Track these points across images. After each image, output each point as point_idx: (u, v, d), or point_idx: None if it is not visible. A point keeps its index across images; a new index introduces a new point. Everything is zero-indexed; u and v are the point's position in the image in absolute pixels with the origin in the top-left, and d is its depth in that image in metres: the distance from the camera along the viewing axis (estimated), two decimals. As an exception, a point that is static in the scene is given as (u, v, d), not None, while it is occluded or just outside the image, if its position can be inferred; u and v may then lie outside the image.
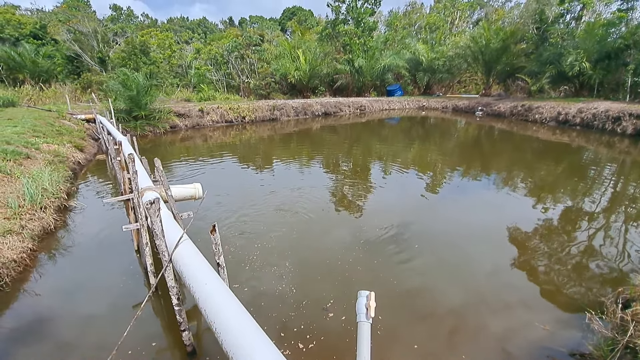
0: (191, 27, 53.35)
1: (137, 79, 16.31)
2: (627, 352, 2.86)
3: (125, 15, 45.34)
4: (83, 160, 10.65)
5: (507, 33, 24.93)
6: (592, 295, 4.14)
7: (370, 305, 1.35)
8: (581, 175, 9.69)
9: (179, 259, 2.72)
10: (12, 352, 3.36)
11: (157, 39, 29.86)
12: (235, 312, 1.97)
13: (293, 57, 28.06)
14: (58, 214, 6.40)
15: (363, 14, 28.59)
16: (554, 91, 24.15)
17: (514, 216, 6.53)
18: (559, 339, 3.44)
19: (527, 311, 3.89)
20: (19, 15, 31.10)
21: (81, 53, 25.47)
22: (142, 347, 3.37)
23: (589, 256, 5.06)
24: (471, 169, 10.30)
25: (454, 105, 26.70)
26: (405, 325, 3.70)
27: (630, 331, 2.87)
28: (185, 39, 42.54)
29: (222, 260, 2.84)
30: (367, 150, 13.69)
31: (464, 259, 5.05)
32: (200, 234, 5.49)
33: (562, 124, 18.07)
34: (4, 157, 7.49)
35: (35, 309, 4.07)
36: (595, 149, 12.99)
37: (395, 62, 28.93)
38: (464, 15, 39.39)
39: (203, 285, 2.25)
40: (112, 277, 4.73)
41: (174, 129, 18.18)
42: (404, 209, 7.09)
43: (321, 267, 4.81)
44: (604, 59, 19.24)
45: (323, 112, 24.41)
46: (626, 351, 2.86)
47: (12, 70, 23.14)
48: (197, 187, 4.78)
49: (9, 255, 4.69)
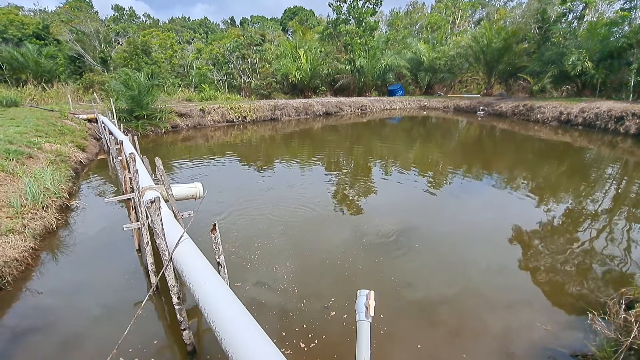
0: (192, 27, 53.50)
1: (138, 79, 16.35)
2: (631, 354, 2.83)
3: (127, 16, 45.49)
4: (85, 160, 10.68)
5: (508, 32, 24.84)
6: (595, 296, 4.11)
7: (370, 304, 1.34)
8: (583, 175, 9.65)
9: (179, 258, 2.72)
10: (14, 351, 3.37)
11: (159, 39, 29.91)
12: (235, 311, 1.97)
13: (294, 57, 28.05)
14: (60, 213, 6.41)
15: (364, 13, 28.56)
16: (556, 91, 24.06)
17: (516, 216, 6.50)
18: (560, 339, 3.42)
19: (528, 311, 3.87)
20: (22, 15, 31.28)
21: (83, 53, 25.56)
22: (143, 345, 3.37)
23: (591, 257, 5.03)
24: (473, 169, 10.27)
25: (456, 105, 26.64)
26: (406, 324, 3.68)
27: (634, 332, 2.85)
28: (186, 39, 42.65)
29: (222, 260, 2.84)
30: (368, 150, 13.67)
31: (466, 258, 5.03)
32: (200, 233, 5.49)
33: (564, 123, 18.00)
34: (6, 156, 7.51)
35: (37, 307, 4.08)
36: (597, 149, 12.93)
37: (396, 62, 28.89)
38: (465, 14, 39.31)
39: (203, 284, 2.25)
40: (113, 276, 4.74)
41: (176, 128, 18.21)
42: (405, 209, 7.08)
43: (322, 266, 4.80)
44: (606, 59, 19.15)
45: (324, 112, 24.40)
46: (629, 353, 2.83)
47: (15, 70, 23.24)
48: (197, 187, 4.77)
49: (11, 254, 4.70)
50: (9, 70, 23.34)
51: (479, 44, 26.39)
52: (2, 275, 4.35)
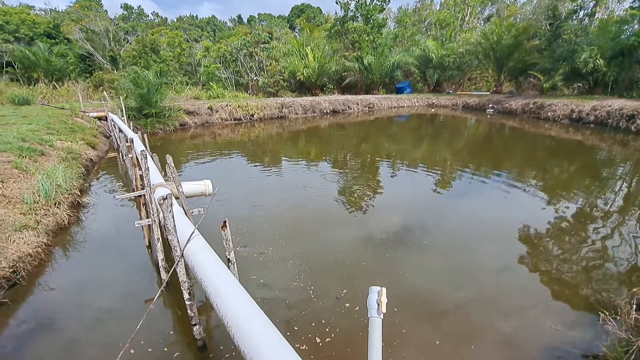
0: (200, 26, 53.72)
1: (147, 77, 16.49)
2: (642, 354, 2.80)
3: (135, 14, 45.86)
4: (95, 158, 10.84)
5: (519, 29, 24.44)
6: (605, 296, 4.06)
7: (382, 300, 1.35)
8: (594, 174, 9.49)
9: (190, 254, 2.76)
10: (27, 345, 3.46)
11: (167, 38, 30.12)
12: (246, 307, 2.00)
13: (302, 54, 28.01)
14: (71, 209, 6.53)
15: (372, 10, 28.36)
16: (567, 88, 23.63)
17: (525, 214, 6.44)
18: (570, 339, 3.39)
19: (538, 310, 3.84)
20: (33, 15, 31.74)
21: (93, 52, 25.88)
22: (154, 340, 3.43)
23: (602, 256, 4.97)
24: (482, 167, 10.17)
25: (464, 103, 26.35)
26: (414, 321, 3.68)
27: (645, 333, 2.81)
28: (194, 37, 42.89)
29: (232, 256, 2.87)
30: (375, 147, 13.63)
31: (474, 256, 5.01)
32: (210, 230, 5.54)
33: (576, 121, 17.70)
34: (19, 153, 7.67)
35: (49, 302, 4.18)
36: (609, 147, 12.70)
37: (404, 59, 28.65)
38: (474, 11, 38.76)
39: (214, 280, 2.28)
40: (124, 272, 4.82)
41: (184, 126, 18.36)
42: (413, 206, 7.05)
43: (332, 262, 4.82)
44: (618, 56, 18.78)
45: (331, 110, 24.35)
46: (641, 353, 2.80)
47: (27, 69, 23.66)
48: (207, 184, 4.83)
49: (25, 250, 4.81)
50: (21, 69, 23.77)
51: (488, 41, 26.02)
52: (16, 270, 4.46)
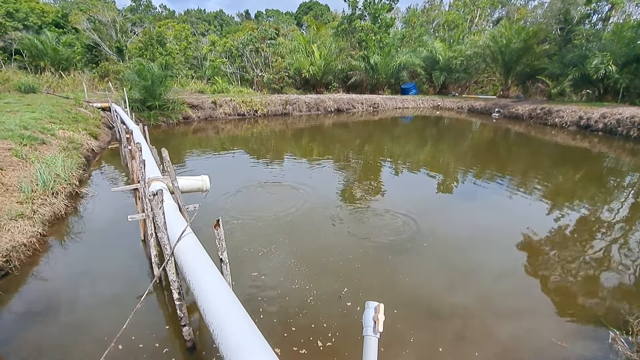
0: (208, 20, 53.64)
1: (152, 69, 16.43)
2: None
3: (143, 6, 45.84)
4: (97, 148, 10.79)
5: (529, 33, 24.08)
6: (615, 312, 3.90)
7: (379, 318, 1.23)
8: (602, 183, 9.29)
9: (180, 253, 2.66)
10: (19, 335, 3.38)
11: (174, 30, 30.05)
12: (235, 315, 1.89)
13: (308, 52, 27.83)
14: (69, 200, 6.46)
15: (380, 9, 28.10)
16: (576, 95, 23.27)
17: (530, 223, 6.28)
18: (577, 358, 3.25)
19: (543, 326, 3.69)
20: (42, 3, 31.77)
21: (100, 42, 25.86)
22: (144, 338, 3.34)
23: (608, 268, 4.81)
24: (485, 172, 9.99)
25: (470, 106, 26.06)
26: (412, 330, 3.56)
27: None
28: (201, 31, 42.78)
29: (225, 256, 2.76)
30: (378, 148, 13.48)
31: (476, 264, 4.87)
32: (205, 227, 5.45)
33: (584, 129, 17.40)
34: (20, 141, 7.61)
35: (42, 293, 4.10)
36: (617, 156, 12.46)
37: (411, 60, 28.37)
38: (484, 13, 38.31)
39: (203, 283, 2.17)
40: (118, 265, 4.74)
41: (187, 120, 18.29)
42: (414, 209, 6.90)
43: (331, 264, 4.71)
44: (632, 63, 18.41)
45: (336, 109, 24.19)
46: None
47: (34, 57, 23.68)
48: (204, 179, 4.71)
49: (20, 239, 4.74)
50: (29, 57, 23.79)
51: (497, 44, 25.68)
52: (9, 259, 4.39)
